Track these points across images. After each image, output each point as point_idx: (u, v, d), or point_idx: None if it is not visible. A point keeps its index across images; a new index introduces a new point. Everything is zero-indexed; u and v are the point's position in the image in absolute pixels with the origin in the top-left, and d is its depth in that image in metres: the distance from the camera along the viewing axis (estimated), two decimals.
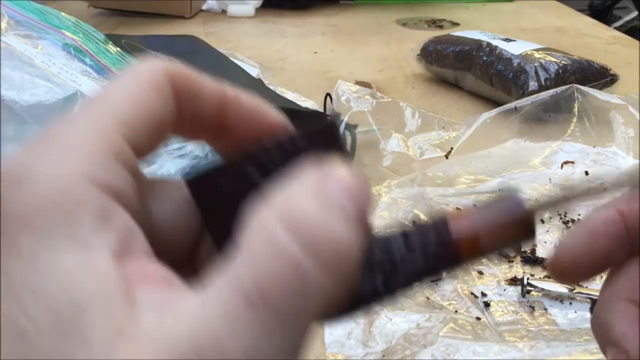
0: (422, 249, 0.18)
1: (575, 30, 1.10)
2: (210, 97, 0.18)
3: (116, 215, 0.14)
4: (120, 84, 0.16)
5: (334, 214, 0.14)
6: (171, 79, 0.17)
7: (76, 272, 0.13)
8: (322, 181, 0.14)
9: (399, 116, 0.63)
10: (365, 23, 1.17)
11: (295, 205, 0.14)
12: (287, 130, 0.20)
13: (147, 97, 0.16)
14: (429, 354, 0.37)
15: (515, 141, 0.61)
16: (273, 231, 0.13)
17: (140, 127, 0.16)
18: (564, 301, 0.42)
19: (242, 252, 0.14)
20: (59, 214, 0.14)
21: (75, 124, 0.15)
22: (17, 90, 0.43)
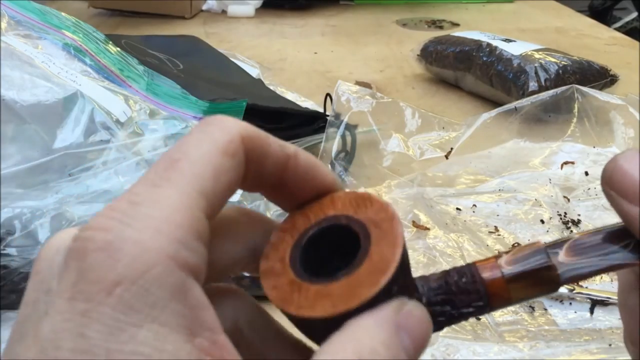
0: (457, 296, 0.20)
1: (575, 31, 1.11)
2: (274, 157, 0.19)
3: (190, 292, 0.15)
4: (200, 148, 0.17)
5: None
6: (244, 144, 0.18)
7: (154, 346, 0.14)
8: (396, 332, 0.17)
9: (399, 116, 0.63)
10: (365, 23, 1.17)
11: (375, 348, 0.17)
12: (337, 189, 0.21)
13: (226, 167, 0.17)
14: (429, 354, 0.37)
15: (515, 141, 0.61)
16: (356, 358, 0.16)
17: (217, 198, 0.17)
18: (563, 301, 0.42)
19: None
20: (141, 289, 0.15)
21: (163, 193, 0.16)
22: (17, 90, 0.43)
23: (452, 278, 0.20)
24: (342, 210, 0.20)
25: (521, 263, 0.20)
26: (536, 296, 0.20)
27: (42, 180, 0.42)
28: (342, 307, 0.17)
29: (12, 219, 0.39)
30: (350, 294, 0.18)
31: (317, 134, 0.60)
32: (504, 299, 0.19)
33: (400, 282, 0.18)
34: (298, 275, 0.19)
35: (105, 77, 0.51)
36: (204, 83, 0.64)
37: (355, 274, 0.18)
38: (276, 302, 0.18)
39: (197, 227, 0.16)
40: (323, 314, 0.17)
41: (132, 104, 0.49)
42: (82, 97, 0.45)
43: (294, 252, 0.19)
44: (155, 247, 0.15)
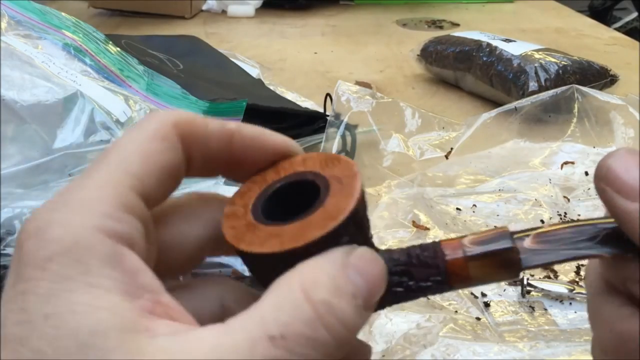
0: (417, 268, 0.20)
1: (575, 31, 1.11)
2: (215, 135, 0.20)
3: (125, 259, 0.17)
4: (130, 137, 0.19)
5: (344, 298, 0.17)
6: (177, 128, 0.19)
7: (92, 307, 0.15)
8: (343, 267, 0.18)
9: (399, 116, 0.63)
10: (365, 23, 1.17)
11: (319, 278, 0.17)
12: (292, 151, 0.22)
13: (155, 149, 0.18)
14: (429, 354, 0.37)
15: (515, 141, 0.61)
16: (297, 293, 0.17)
17: (149, 178, 0.18)
18: (563, 301, 0.42)
19: (268, 301, 0.17)
20: (72, 260, 0.16)
21: (89, 180, 0.17)
22: (17, 90, 0.43)
23: (415, 251, 0.20)
24: (311, 168, 0.21)
25: (484, 244, 0.20)
26: (497, 279, 0.20)
27: (42, 181, 0.42)
28: (288, 245, 0.18)
29: (12, 219, 0.39)
30: (299, 235, 0.18)
31: (317, 134, 0.60)
32: (462, 277, 0.20)
33: (352, 233, 0.19)
34: (256, 218, 0.20)
35: (105, 77, 0.51)
36: (204, 83, 0.64)
37: (308, 219, 0.19)
38: (230, 240, 0.19)
39: (123, 201, 0.17)
40: (270, 250, 0.18)
41: (132, 104, 0.49)
42: (82, 97, 0.45)
43: (258, 200, 0.20)
44: (80, 221, 0.16)
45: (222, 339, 0.16)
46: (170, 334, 0.16)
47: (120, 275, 0.16)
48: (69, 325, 0.15)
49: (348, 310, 0.17)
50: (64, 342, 0.15)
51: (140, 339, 0.15)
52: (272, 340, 0.16)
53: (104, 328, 0.15)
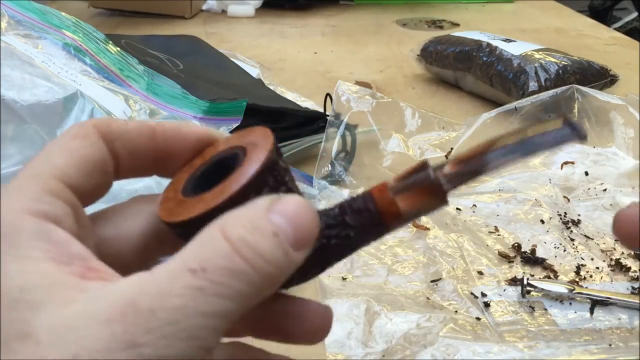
0: (350, 215, 0.21)
1: (575, 31, 1.11)
2: (136, 132, 0.22)
3: (52, 233, 0.18)
4: (55, 141, 0.21)
5: (263, 235, 0.17)
6: (97, 128, 0.21)
7: (21, 272, 0.17)
8: (265, 212, 0.18)
9: (399, 116, 0.63)
10: (365, 23, 1.17)
11: (238, 220, 0.18)
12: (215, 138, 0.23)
13: (76, 145, 0.20)
14: (429, 354, 0.37)
15: None
16: (216, 233, 0.17)
17: (72, 168, 0.20)
18: (563, 301, 0.42)
19: (190, 245, 0.18)
20: (5, 238, 0.17)
21: (20, 174, 0.20)
22: (17, 90, 0.43)
23: (346, 202, 0.21)
24: (232, 143, 0.22)
25: (406, 179, 0.21)
26: (426, 208, 0.21)
27: None
28: (212, 204, 0.19)
29: None
30: (220, 193, 0.19)
31: (317, 134, 0.60)
32: (393, 213, 0.21)
33: (271, 184, 0.20)
34: (185, 196, 0.21)
35: (105, 77, 0.51)
36: (204, 83, 0.64)
37: (227, 180, 0.20)
38: (163, 218, 0.20)
39: (47, 187, 0.19)
40: (197, 213, 0.19)
41: (132, 103, 0.49)
42: (82, 97, 0.45)
43: (187, 184, 0.22)
44: (11, 206, 0.18)
45: (145, 277, 0.17)
46: (99, 288, 0.17)
47: (49, 245, 0.17)
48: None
49: (266, 244, 0.17)
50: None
51: (70, 291, 0.17)
52: (193, 273, 0.16)
53: (33, 285, 0.16)
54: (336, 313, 0.32)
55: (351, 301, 0.40)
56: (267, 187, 0.20)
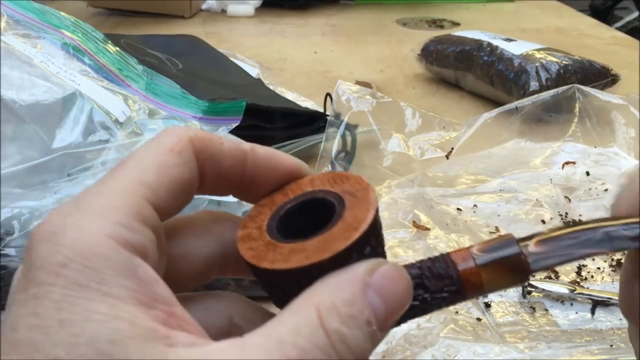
0: (430, 280, 0.20)
1: (576, 31, 1.10)
2: (230, 152, 0.20)
3: (139, 269, 0.17)
4: (147, 149, 0.19)
5: (357, 327, 0.17)
6: (193, 144, 0.19)
7: (109, 316, 0.15)
8: (362, 288, 0.17)
9: (400, 116, 0.62)
10: (365, 23, 1.16)
11: (335, 304, 0.17)
12: (302, 173, 0.22)
13: (170, 162, 0.19)
14: (430, 354, 0.37)
15: (516, 141, 0.61)
16: (314, 318, 0.17)
17: (163, 190, 0.18)
18: (564, 302, 0.42)
19: (287, 322, 0.17)
20: (87, 267, 0.16)
21: (105, 187, 0.18)
22: (16, 89, 0.43)
23: (426, 264, 0.20)
24: (319, 186, 0.21)
25: (493, 251, 0.20)
26: (508, 285, 0.21)
27: (41, 181, 0.42)
28: (314, 259, 0.18)
29: (11, 219, 0.39)
30: (323, 248, 0.18)
31: (317, 133, 0.60)
32: (476, 286, 0.20)
33: (373, 243, 0.19)
34: (274, 238, 0.19)
35: (105, 77, 0.51)
36: (204, 83, 0.64)
37: (329, 233, 0.19)
38: (251, 260, 0.19)
39: (138, 210, 0.17)
40: (295, 265, 0.18)
41: (131, 103, 0.48)
42: (81, 97, 0.45)
43: (271, 222, 0.20)
44: (95, 229, 0.16)
45: (241, 355, 0.16)
46: (188, 344, 0.16)
47: (135, 285, 0.16)
48: (86, 334, 0.15)
49: (359, 338, 0.17)
50: (82, 350, 0.15)
51: (160, 348, 0.15)
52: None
53: (123, 337, 0.15)
54: None
55: None
56: (368, 246, 0.19)
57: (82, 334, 0.15)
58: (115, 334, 0.15)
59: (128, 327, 0.15)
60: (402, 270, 0.19)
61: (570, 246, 0.20)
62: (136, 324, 0.15)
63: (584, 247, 0.20)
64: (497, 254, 0.20)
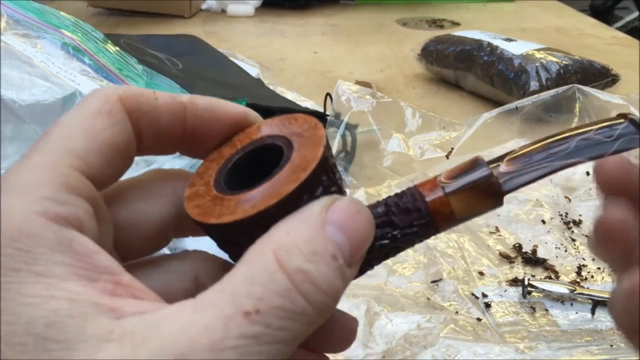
0: (398, 215, 0.19)
1: (576, 31, 1.10)
2: (166, 108, 0.19)
3: (75, 242, 0.15)
4: (72, 114, 0.17)
5: (323, 262, 0.16)
6: (124, 103, 0.18)
7: (45, 298, 0.14)
8: (321, 225, 0.16)
9: (400, 116, 0.62)
10: (365, 23, 1.16)
11: (295, 243, 0.16)
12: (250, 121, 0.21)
13: (99, 125, 0.17)
14: (430, 354, 0.37)
15: (516, 141, 0.61)
16: (271, 262, 0.15)
17: (94, 156, 0.17)
18: (565, 302, 0.42)
19: (240, 272, 0.15)
20: (17, 250, 0.15)
21: (29, 162, 0.16)
22: (15, 89, 0.43)
23: (392, 200, 0.19)
24: (268, 132, 0.20)
25: (461, 177, 0.19)
26: (481, 210, 0.19)
27: None
28: (262, 206, 0.17)
29: None
30: (270, 194, 0.17)
31: None
32: (446, 215, 0.19)
33: (325, 182, 0.18)
34: (221, 192, 0.18)
35: (104, 77, 0.51)
36: (204, 83, 0.64)
37: (277, 177, 0.18)
38: (197, 218, 0.18)
39: (66, 181, 0.16)
40: (243, 215, 0.17)
41: None
42: (81, 97, 0.45)
43: (219, 176, 0.19)
44: (21, 208, 0.15)
45: (192, 317, 0.15)
46: (136, 313, 0.15)
47: (72, 259, 0.15)
48: (22, 319, 0.14)
49: (327, 273, 0.16)
50: (20, 339, 0.14)
51: (104, 321, 0.14)
52: (247, 317, 0.15)
53: (61, 317, 0.14)
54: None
55: (351, 302, 0.40)
56: (320, 186, 0.17)
57: (18, 320, 0.14)
58: (53, 315, 0.14)
59: (67, 306, 0.14)
60: (358, 202, 0.18)
61: (543, 160, 0.19)
62: (76, 301, 0.14)
63: (558, 159, 0.19)
64: (466, 178, 0.19)
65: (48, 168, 0.16)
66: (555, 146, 0.19)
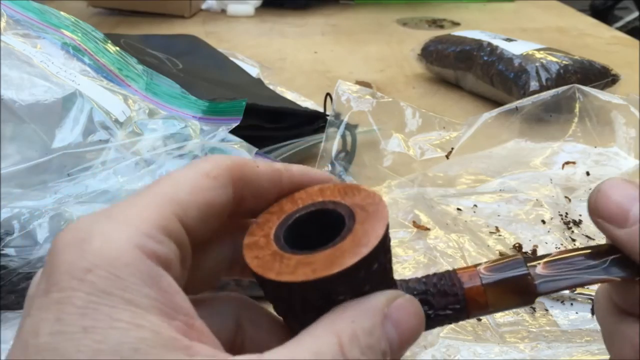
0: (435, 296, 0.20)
1: (576, 30, 1.10)
2: (265, 175, 0.21)
3: (162, 280, 0.17)
4: (183, 171, 0.19)
5: (376, 357, 0.17)
6: (231, 172, 0.20)
7: (133, 325, 0.15)
8: (382, 320, 0.18)
9: (400, 116, 0.62)
10: (365, 23, 1.16)
11: (356, 333, 0.17)
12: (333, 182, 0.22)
13: (204, 185, 0.19)
14: (430, 354, 0.36)
15: (516, 141, 0.61)
16: (335, 345, 0.17)
17: (194, 209, 0.19)
18: (565, 302, 0.42)
19: (308, 345, 0.17)
20: (112, 274, 0.16)
21: (136, 200, 0.18)
22: (15, 89, 0.43)
23: (431, 280, 0.20)
24: (330, 197, 0.21)
25: (500, 272, 0.20)
26: (513, 306, 0.21)
27: (41, 180, 0.42)
28: (321, 273, 0.17)
29: (10, 219, 0.39)
30: (331, 262, 0.18)
31: (317, 133, 0.60)
32: (480, 305, 0.20)
33: (381, 260, 0.19)
34: (281, 248, 0.19)
35: (104, 77, 0.51)
36: (204, 82, 0.64)
37: (338, 247, 0.18)
38: (257, 270, 0.18)
39: (165, 224, 0.18)
40: (302, 279, 0.17)
41: (131, 103, 0.48)
42: (80, 97, 0.45)
43: (279, 230, 0.20)
44: (123, 238, 0.16)
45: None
46: (208, 356, 0.16)
47: (158, 295, 0.16)
48: (110, 341, 0.15)
49: None
50: (105, 357, 0.15)
51: (182, 358, 0.15)
52: None
53: (146, 346, 0.15)
54: None
55: None
56: (377, 263, 0.18)
57: (105, 341, 0.15)
58: (139, 343, 0.15)
59: (151, 336, 0.15)
60: (417, 304, 0.19)
61: (579, 270, 0.20)
62: (159, 333, 0.15)
63: (593, 274, 0.20)
64: (505, 274, 0.20)
65: (152, 209, 0.18)
66: (592, 259, 0.21)
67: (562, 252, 0.21)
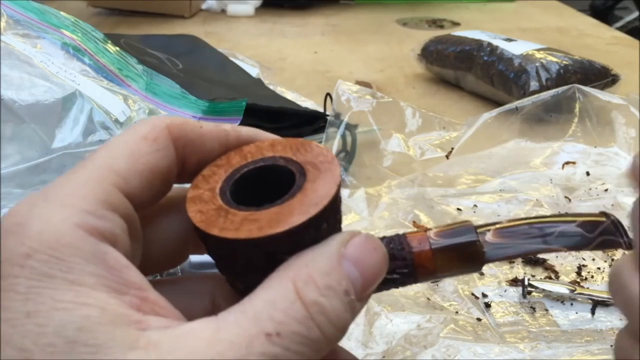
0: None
1: (576, 31, 1.10)
2: (210, 136, 0.20)
3: (108, 256, 0.16)
4: (120, 138, 0.19)
5: (336, 297, 0.17)
6: (170, 131, 0.19)
7: (76, 304, 0.15)
8: (338, 260, 0.17)
9: (400, 116, 0.62)
10: (365, 23, 1.16)
11: (312, 276, 0.17)
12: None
13: (144, 150, 0.18)
14: (430, 355, 0.37)
15: (516, 141, 0.61)
16: (290, 291, 0.17)
17: (135, 177, 0.18)
18: (565, 302, 0.42)
19: (262, 297, 0.17)
20: (52, 257, 0.15)
21: (73, 176, 0.17)
22: (15, 89, 0.43)
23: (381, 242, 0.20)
24: (281, 153, 0.20)
25: (449, 237, 0.20)
26: (460, 272, 0.21)
27: (41, 180, 0.42)
28: (268, 231, 0.17)
29: None
30: (278, 220, 0.17)
31: (317, 133, 0.60)
32: (428, 270, 0.20)
33: (331, 220, 0.18)
34: (227, 203, 0.18)
35: (104, 77, 0.51)
36: (204, 82, 0.64)
37: (287, 204, 0.18)
38: (199, 224, 0.18)
39: (106, 198, 0.17)
40: (247, 236, 0.17)
41: (131, 103, 0.48)
42: (81, 97, 0.45)
43: (225, 184, 0.19)
44: (61, 218, 0.16)
45: (217, 334, 0.16)
46: (161, 327, 0.16)
47: (104, 272, 0.16)
48: (53, 322, 0.15)
49: (339, 308, 0.17)
50: (50, 339, 0.15)
51: (131, 331, 0.15)
52: (269, 338, 0.16)
53: (92, 323, 0.15)
54: None
55: None
56: (326, 223, 0.18)
57: (49, 323, 0.15)
58: (84, 321, 0.15)
59: (97, 313, 0.15)
60: (376, 240, 0.19)
61: (526, 239, 0.20)
62: (106, 310, 0.15)
63: (540, 243, 0.20)
64: (454, 240, 0.20)
65: (90, 183, 0.17)
66: (540, 228, 0.20)
67: (513, 220, 0.21)
